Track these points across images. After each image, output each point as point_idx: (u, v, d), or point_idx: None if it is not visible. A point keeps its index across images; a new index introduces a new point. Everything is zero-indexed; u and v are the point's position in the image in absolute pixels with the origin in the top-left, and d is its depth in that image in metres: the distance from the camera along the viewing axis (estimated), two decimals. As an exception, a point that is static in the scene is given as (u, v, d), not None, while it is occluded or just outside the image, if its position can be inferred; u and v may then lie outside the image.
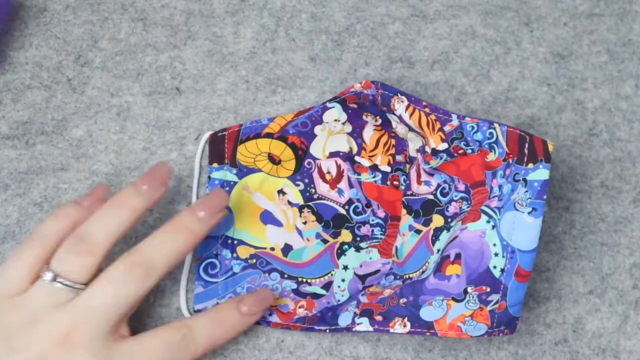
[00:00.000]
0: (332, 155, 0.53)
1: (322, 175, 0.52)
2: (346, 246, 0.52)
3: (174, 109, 0.54)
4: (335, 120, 0.52)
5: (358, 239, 0.52)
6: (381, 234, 0.52)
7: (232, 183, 0.52)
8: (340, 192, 0.52)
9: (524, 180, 0.47)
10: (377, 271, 0.52)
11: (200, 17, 0.56)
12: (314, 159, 0.52)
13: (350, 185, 0.52)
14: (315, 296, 0.51)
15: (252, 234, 0.52)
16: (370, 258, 0.52)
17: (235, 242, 0.51)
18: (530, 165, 0.47)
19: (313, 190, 0.52)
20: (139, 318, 0.51)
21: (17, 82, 0.54)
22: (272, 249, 0.51)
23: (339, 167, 0.53)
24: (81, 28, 0.55)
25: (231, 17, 0.56)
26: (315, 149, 0.52)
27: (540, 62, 0.57)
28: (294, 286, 0.51)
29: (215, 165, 0.52)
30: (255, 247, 0.51)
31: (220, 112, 0.54)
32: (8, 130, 0.53)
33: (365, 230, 0.52)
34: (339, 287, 0.51)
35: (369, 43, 0.56)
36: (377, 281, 0.51)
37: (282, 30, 0.56)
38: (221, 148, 0.52)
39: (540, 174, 0.47)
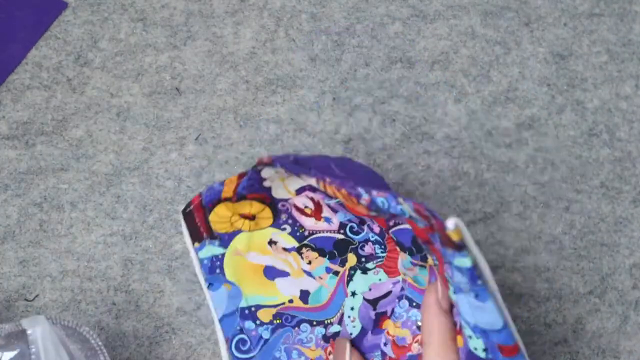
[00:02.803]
0: (299, 191, 0.48)
1: (302, 212, 0.48)
2: (352, 271, 0.48)
3: (174, 109, 0.54)
4: (276, 172, 0.46)
5: (363, 259, 0.48)
6: (382, 252, 0.48)
7: (220, 256, 0.48)
8: (327, 220, 0.48)
9: (451, 264, 0.38)
10: (388, 293, 0.48)
11: (200, 17, 0.56)
12: (285, 200, 0.48)
13: (334, 210, 0.48)
14: (336, 335, 0.48)
15: (265, 295, 0.48)
16: (380, 279, 0.48)
17: (253, 309, 0.48)
18: (450, 250, 0.37)
19: (302, 229, 0.48)
20: (139, 318, 0.51)
21: (17, 82, 0.54)
22: (291, 301, 0.48)
23: (312, 199, 0.48)
24: (81, 28, 0.55)
25: (231, 17, 0.56)
26: (279, 192, 0.48)
27: (540, 62, 0.57)
28: (323, 331, 0.48)
29: (196, 245, 0.48)
30: (274, 306, 0.48)
31: (220, 112, 0.54)
32: (8, 130, 0.53)
33: (368, 248, 0.48)
34: (349, 317, 0.48)
35: (369, 43, 0.56)
36: (391, 308, 0.48)
37: (282, 31, 0.56)
38: (194, 224, 0.48)
39: (461, 261, 0.37)
